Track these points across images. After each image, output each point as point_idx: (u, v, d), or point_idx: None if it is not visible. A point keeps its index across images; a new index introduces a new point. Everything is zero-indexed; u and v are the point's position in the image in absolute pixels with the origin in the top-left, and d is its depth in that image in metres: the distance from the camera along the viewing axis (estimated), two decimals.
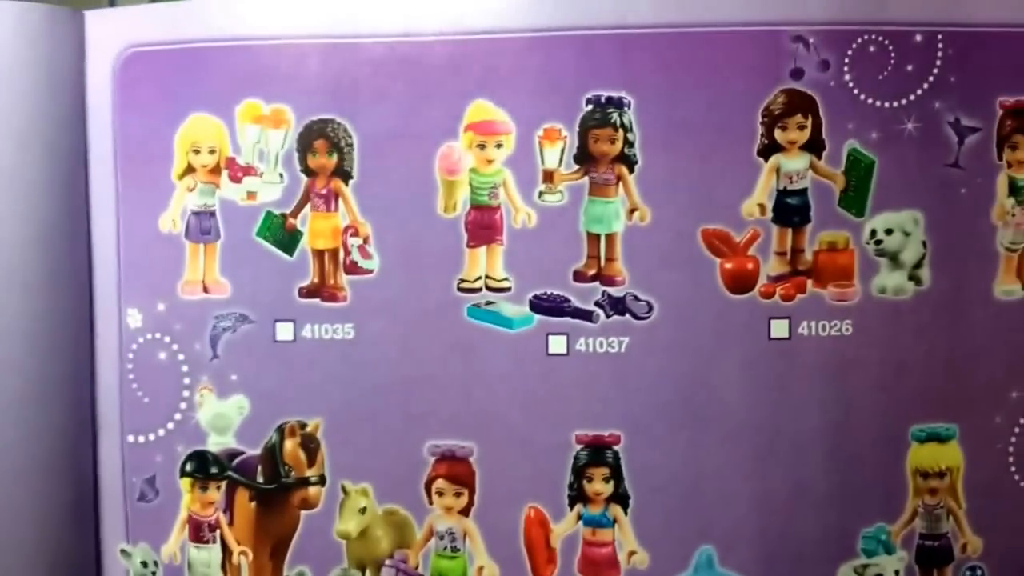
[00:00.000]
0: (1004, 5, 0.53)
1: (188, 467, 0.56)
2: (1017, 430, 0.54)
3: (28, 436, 0.55)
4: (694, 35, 0.53)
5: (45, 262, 0.55)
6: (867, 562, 0.53)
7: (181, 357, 0.56)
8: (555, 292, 0.54)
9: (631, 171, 0.53)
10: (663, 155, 0.53)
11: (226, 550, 0.56)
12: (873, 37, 0.53)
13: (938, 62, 0.53)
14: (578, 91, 0.53)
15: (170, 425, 0.56)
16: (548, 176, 0.54)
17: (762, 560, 0.53)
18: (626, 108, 0.53)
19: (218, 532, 0.56)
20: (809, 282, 0.53)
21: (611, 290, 0.53)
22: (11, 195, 0.54)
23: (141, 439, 0.56)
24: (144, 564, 0.56)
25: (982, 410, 0.53)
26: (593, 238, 0.53)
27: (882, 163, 0.53)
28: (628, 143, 0.53)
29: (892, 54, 0.53)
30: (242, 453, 0.55)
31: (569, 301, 0.54)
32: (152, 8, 0.56)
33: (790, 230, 0.53)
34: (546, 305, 0.54)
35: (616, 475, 0.54)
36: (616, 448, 0.53)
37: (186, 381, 0.55)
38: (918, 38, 0.53)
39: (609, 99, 0.53)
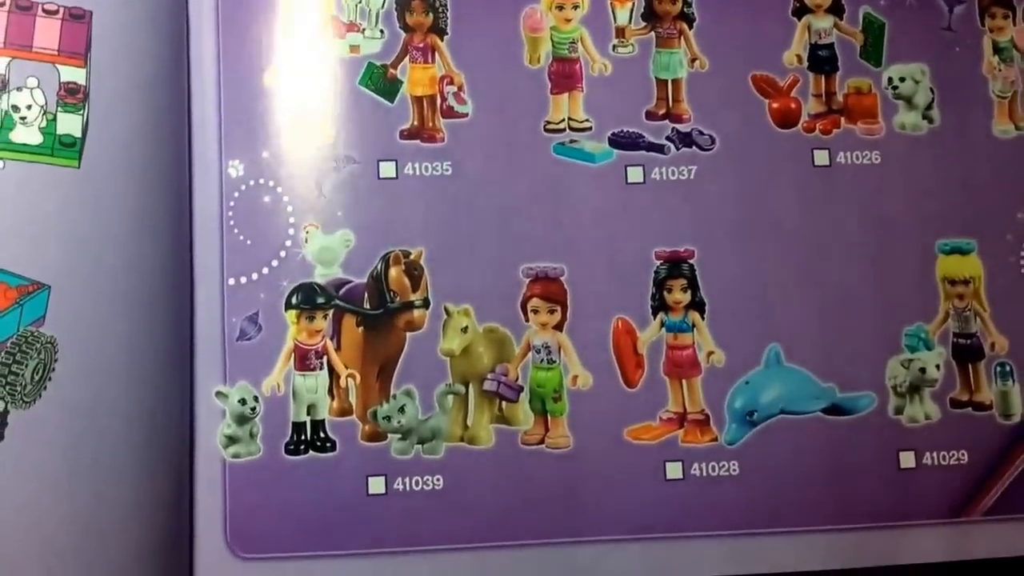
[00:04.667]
0: None
1: (294, 300, 0.59)
2: None
3: (130, 279, 0.57)
4: None
5: (148, 116, 0.58)
6: (911, 357, 0.60)
7: (286, 199, 0.60)
8: (631, 129, 0.61)
9: (690, 27, 0.62)
10: (717, 13, 0.62)
11: (333, 375, 0.59)
12: None
13: None
14: None
15: (274, 263, 0.59)
16: (620, 32, 0.62)
17: (822, 355, 0.60)
18: None
19: (324, 359, 0.59)
20: (842, 119, 0.62)
21: (679, 126, 0.61)
22: (113, 53, 0.57)
23: (243, 280, 0.59)
24: (242, 401, 0.58)
25: (995, 228, 0.62)
26: (661, 83, 0.62)
27: (891, 25, 0.63)
28: (687, 3, 0.62)
29: None
30: (348, 282, 0.59)
31: (643, 137, 0.61)
32: None
33: (823, 77, 0.63)
34: (623, 141, 0.61)
35: (692, 285, 0.60)
36: (691, 261, 0.60)
37: (291, 220, 0.60)
38: None
39: None
